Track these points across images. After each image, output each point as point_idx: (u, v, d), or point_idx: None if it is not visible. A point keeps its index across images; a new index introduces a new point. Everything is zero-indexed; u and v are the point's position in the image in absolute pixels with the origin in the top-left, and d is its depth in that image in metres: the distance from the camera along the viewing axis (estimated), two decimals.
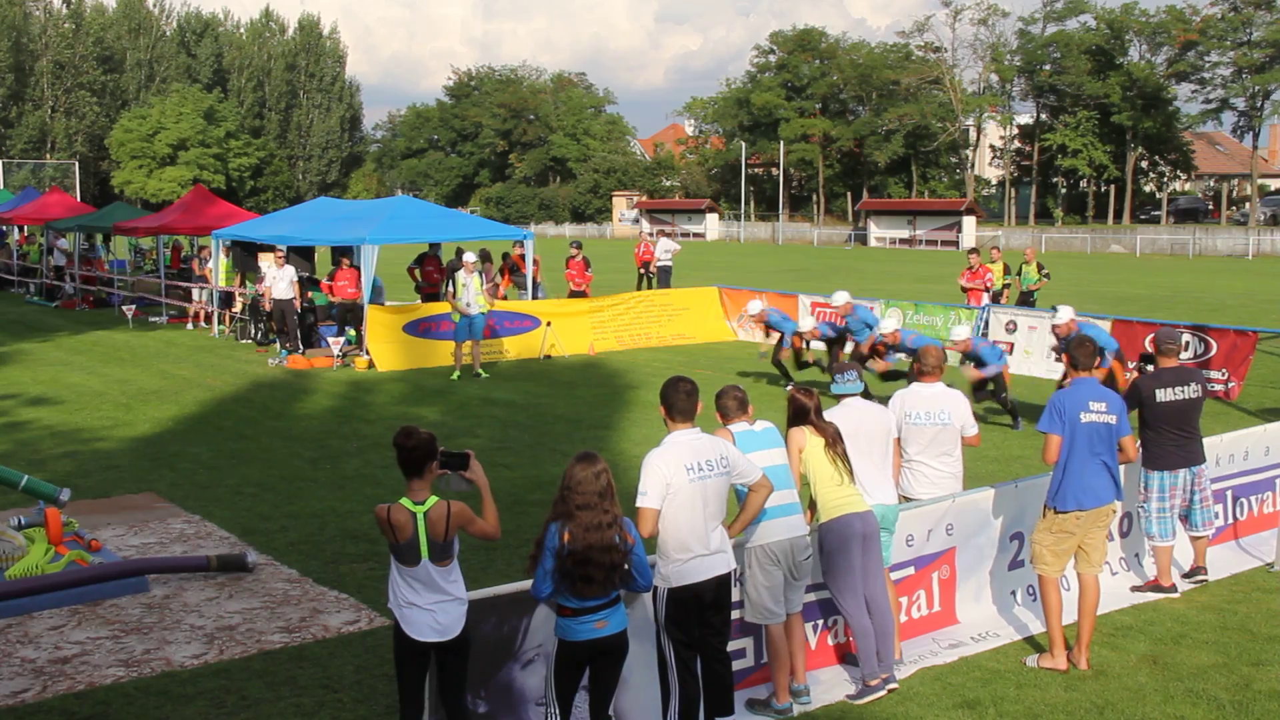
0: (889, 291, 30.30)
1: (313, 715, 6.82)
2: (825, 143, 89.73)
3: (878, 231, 77.96)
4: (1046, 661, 7.43)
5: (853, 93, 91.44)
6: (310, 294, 22.21)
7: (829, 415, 7.21)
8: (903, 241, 75.38)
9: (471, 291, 18.73)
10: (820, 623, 7.50)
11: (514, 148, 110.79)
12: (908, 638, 7.81)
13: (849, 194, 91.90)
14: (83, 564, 9.01)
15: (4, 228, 40.74)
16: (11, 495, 9.91)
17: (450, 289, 21.40)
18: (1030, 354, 19.33)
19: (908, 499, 7.93)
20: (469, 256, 19.43)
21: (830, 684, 7.28)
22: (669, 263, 29.96)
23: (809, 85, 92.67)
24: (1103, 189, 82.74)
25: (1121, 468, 7.68)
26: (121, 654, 7.72)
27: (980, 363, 14.58)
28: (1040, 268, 22.72)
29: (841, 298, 17.40)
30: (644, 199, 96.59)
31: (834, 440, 6.99)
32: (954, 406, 7.91)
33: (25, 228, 39.88)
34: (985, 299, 21.68)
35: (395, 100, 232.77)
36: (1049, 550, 7.54)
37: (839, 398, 7.62)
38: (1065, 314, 14.38)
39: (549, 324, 21.41)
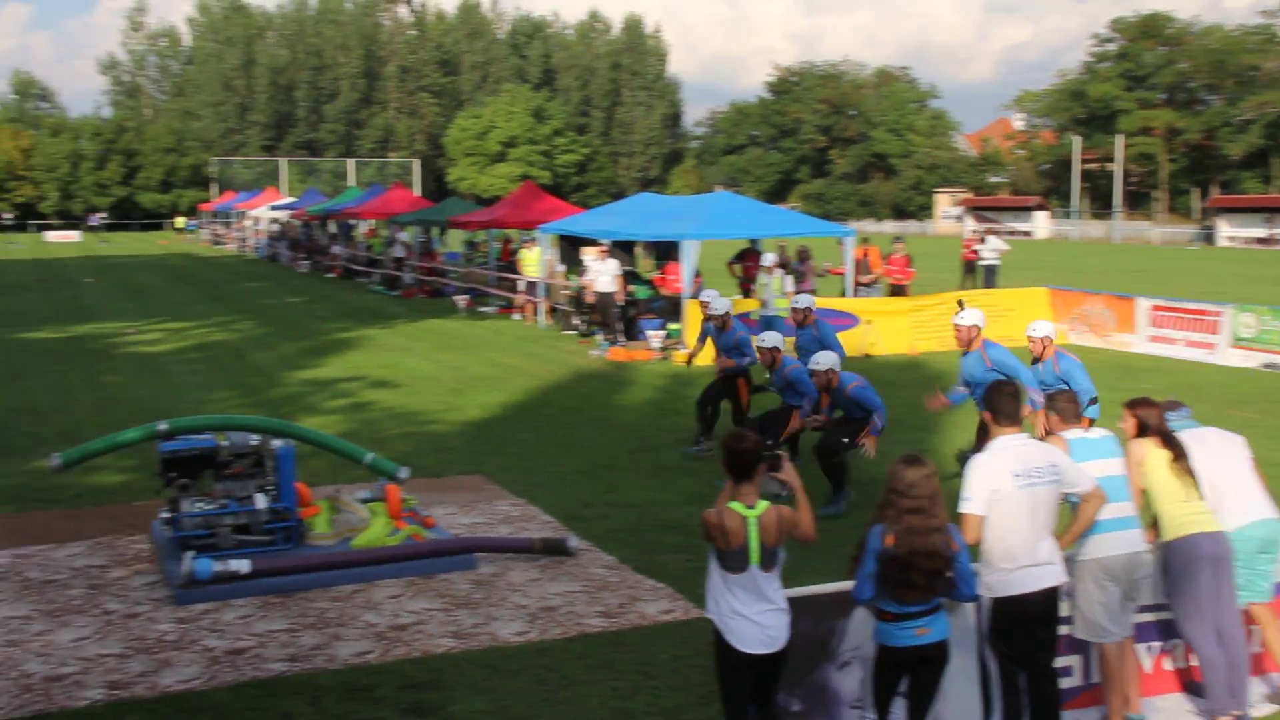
0: (1242, 295, 28.15)
1: (628, 699, 6.94)
2: (1169, 135, 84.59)
3: (1228, 230, 72.71)
4: None
5: (1203, 81, 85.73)
6: (632, 287, 22.71)
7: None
8: (1259, 241, 69.96)
9: (771, 291, 18.64)
10: (1158, 645, 6.99)
11: (834, 144, 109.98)
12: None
13: (1195, 190, 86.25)
14: (418, 539, 9.52)
15: (353, 221, 43.80)
16: (356, 470, 10.57)
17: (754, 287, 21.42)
18: None
19: None
20: (768, 257, 19.36)
21: (1171, 713, 6.77)
22: (996, 262, 28.97)
23: (1152, 74, 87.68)
24: None
25: None
26: (452, 626, 8.09)
27: None
28: None
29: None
30: (969, 196, 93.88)
31: (1180, 454, 6.50)
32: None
33: (371, 221, 42.71)
34: None
35: (715, 97, 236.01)
36: None
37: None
38: None
39: (869, 322, 21.08)
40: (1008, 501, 5.74)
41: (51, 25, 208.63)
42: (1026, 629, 5.86)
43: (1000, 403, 5.96)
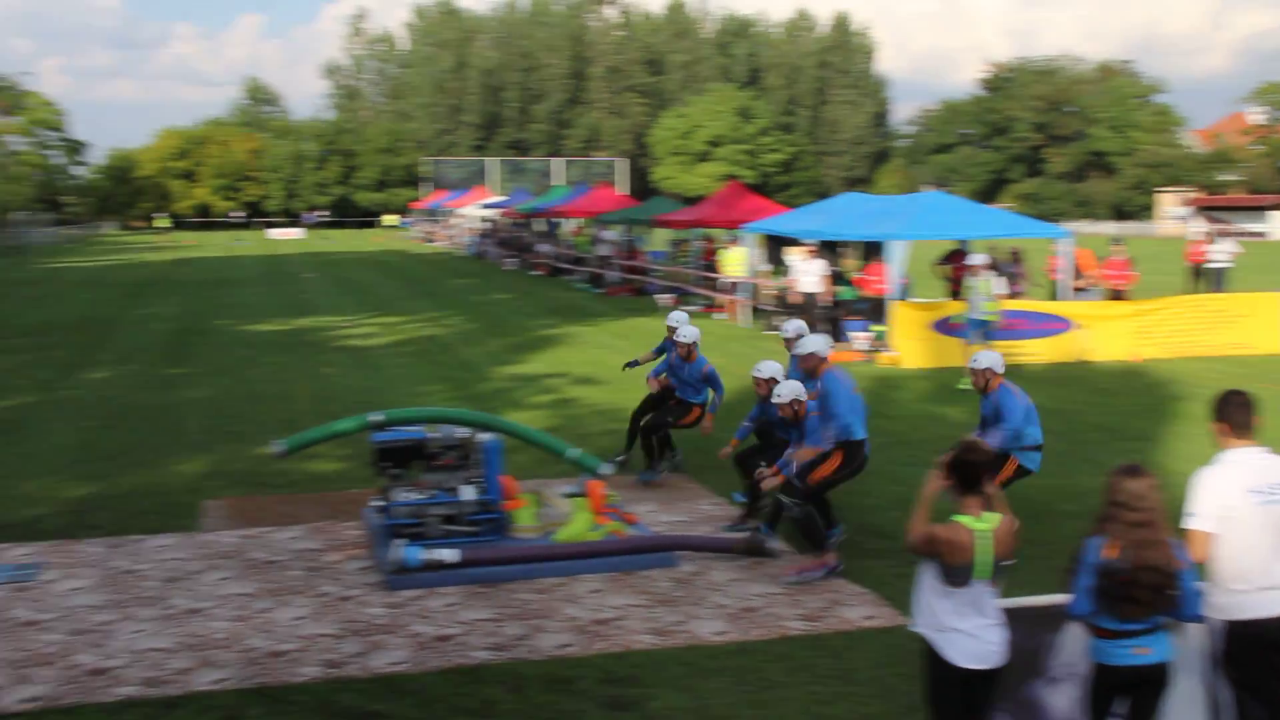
0: None
1: (830, 704, 6.83)
2: None
3: None
4: None
5: None
6: (837, 288, 22.44)
7: None
8: None
9: (979, 294, 18.00)
10: None
11: (1050, 142, 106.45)
12: None
13: None
14: (620, 535, 9.58)
15: (559, 220, 44.58)
16: (560, 466, 10.72)
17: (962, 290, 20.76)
18: None
19: None
20: (976, 258, 18.73)
21: None
22: (1227, 264, 27.49)
23: None
24: None
25: None
26: (652, 622, 8.12)
27: None
28: None
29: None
30: (1198, 195, 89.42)
31: None
32: None
33: (576, 220, 43.38)
34: None
35: (925, 94, 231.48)
36: None
37: None
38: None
39: (1084, 327, 20.30)
40: (1242, 519, 5.39)
41: (280, 34, 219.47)
42: (1263, 656, 5.50)
43: (1233, 413, 5.61)
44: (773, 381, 10.07)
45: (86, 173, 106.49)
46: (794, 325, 11.33)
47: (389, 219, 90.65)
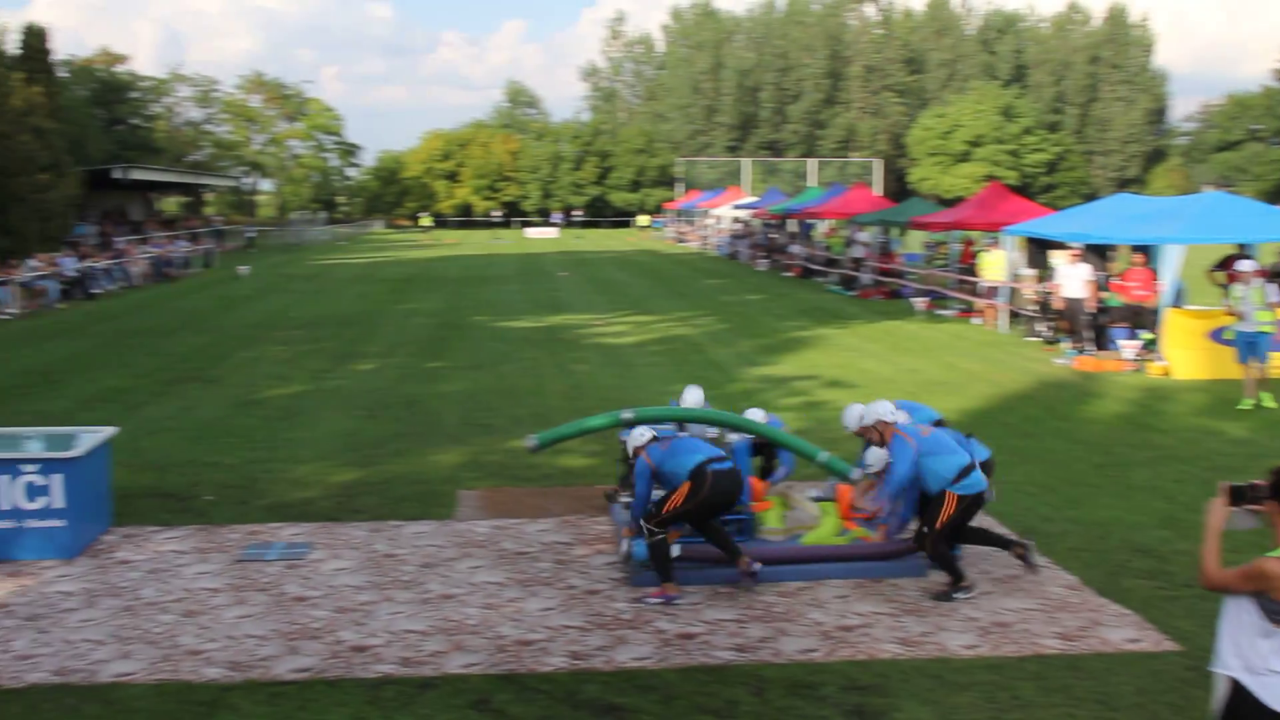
0: None
1: None
2: None
3: None
4: None
5: None
6: (1104, 294, 21.44)
7: None
8: None
9: (1250, 303, 16.52)
10: None
11: None
12: None
13: None
14: (867, 540, 9.38)
15: (812, 221, 44.24)
16: (809, 469, 10.60)
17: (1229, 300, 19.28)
18: None
19: None
20: (1246, 264, 17.28)
21: None
22: None
23: None
24: None
25: None
26: (899, 632, 7.92)
27: None
28: None
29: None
30: None
31: None
32: None
33: (830, 221, 42.95)
34: None
35: (1208, 89, 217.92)
36: None
37: None
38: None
39: None
40: None
41: (541, 38, 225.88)
42: None
43: None
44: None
45: (358, 174, 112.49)
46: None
47: (642, 219, 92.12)
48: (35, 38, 41.20)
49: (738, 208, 57.63)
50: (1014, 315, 24.85)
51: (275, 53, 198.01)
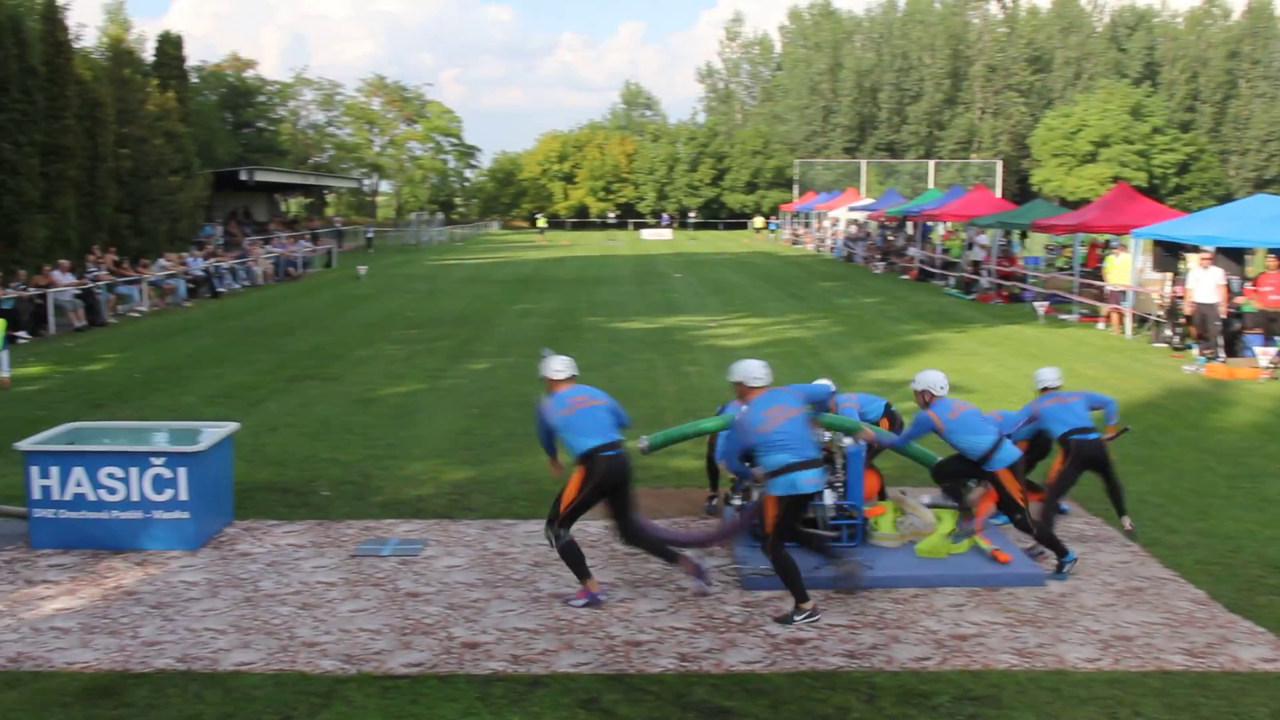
0: None
1: None
2: None
3: None
4: None
5: None
6: (1238, 299, 20.75)
7: None
8: None
9: None
10: None
11: None
12: None
13: None
14: (992, 551, 9.20)
15: (930, 223, 43.60)
16: (924, 474, 10.43)
17: None
18: None
19: None
20: None
21: None
22: None
23: None
24: None
25: None
26: (1015, 642, 7.74)
27: None
28: None
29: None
30: None
31: None
32: None
33: (948, 223, 42.28)
34: None
35: None
36: None
37: None
38: None
39: None
40: None
41: (658, 40, 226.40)
42: None
43: None
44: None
45: (475, 176, 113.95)
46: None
47: (757, 221, 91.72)
48: (170, 45, 42.58)
49: (854, 210, 57.05)
50: (1140, 320, 24.19)
51: (396, 56, 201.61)
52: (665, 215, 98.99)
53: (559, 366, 8.92)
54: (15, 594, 8.71)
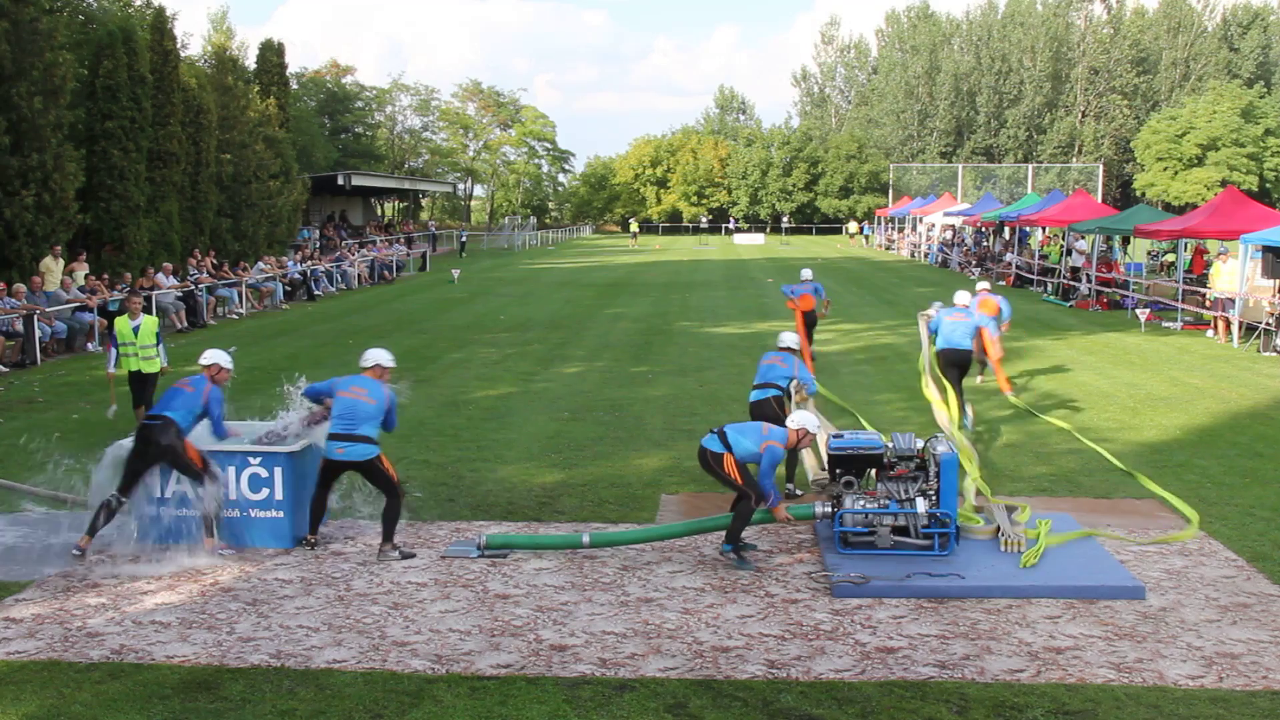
0: None
1: None
2: None
3: None
4: None
5: None
6: None
7: None
8: None
9: None
10: None
11: None
12: None
13: None
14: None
15: (1027, 229, 42.87)
16: (1015, 485, 10.26)
17: None
18: None
19: None
20: None
21: None
22: None
23: None
24: None
25: None
26: (1113, 656, 7.56)
27: None
28: None
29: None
30: None
31: None
32: None
33: (1047, 229, 41.52)
34: None
35: None
36: None
37: None
38: None
39: None
40: None
41: (753, 44, 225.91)
42: None
43: None
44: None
45: (568, 180, 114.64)
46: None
47: (852, 226, 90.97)
48: (271, 53, 43.45)
49: (950, 215, 56.33)
50: (1248, 329, 23.53)
51: (491, 61, 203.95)
52: (733, 222, 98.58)
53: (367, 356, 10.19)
54: (118, 588, 8.93)
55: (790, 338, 12.38)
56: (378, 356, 10.17)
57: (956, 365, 14.64)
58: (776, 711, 6.79)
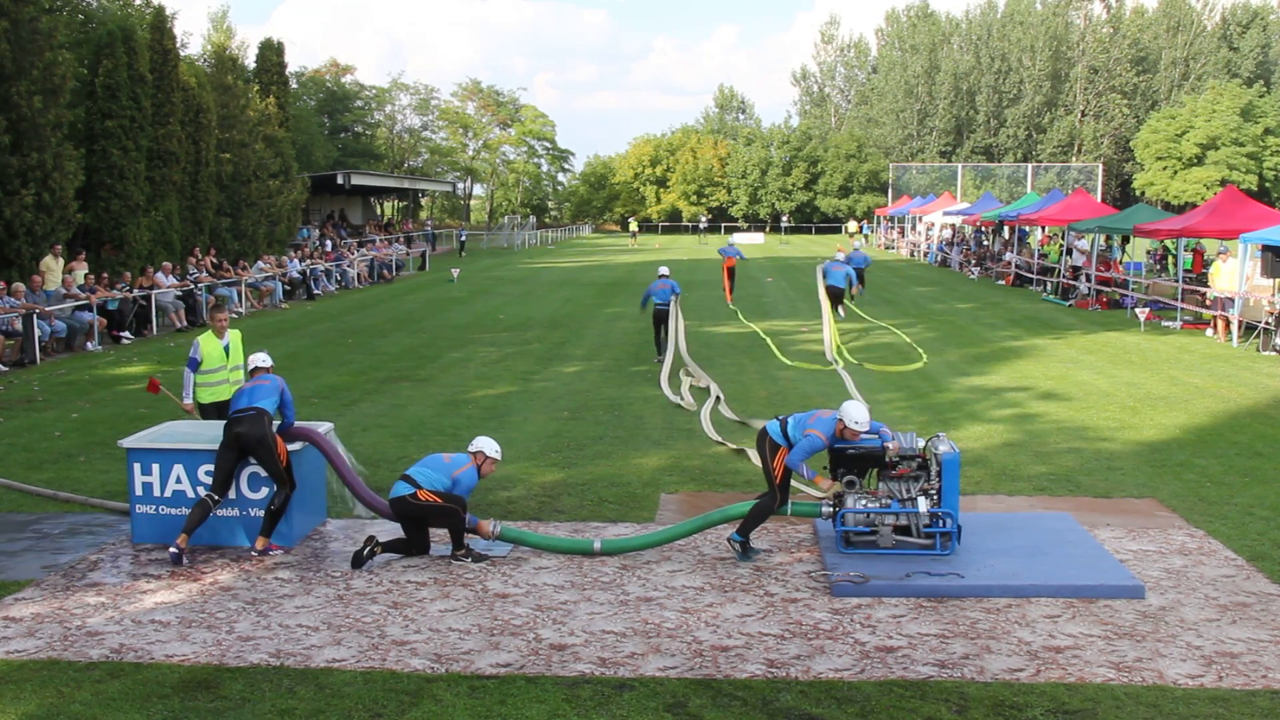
0: None
1: None
2: None
3: None
4: None
5: None
6: None
7: None
8: None
9: None
10: None
11: None
12: None
13: None
14: None
15: (1027, 228, 42.86)
16: (1017, 485, 10.24)
17: None
18: None
19: None
20: None
21: None
22: None
23: None
24: None
25: None
26: (1113, 656, 7.56)
27: None
28: None
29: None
30: None
31: None
32: None
33: (1046, 228, 41.51)
34: None
35: None
36: None
37: None
38: None
39: None
40: None
41: (753, 44, 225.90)
42: None
43: None
44: None
45: (568, 179, 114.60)
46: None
47: (851, 225, 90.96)
48: (271, 52, 43.39)
49: (949, 214, 56.30)
50: (1248, 328, 23.54)
51: (490, 60, 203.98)
52: (743, 220, 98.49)
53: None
54: (118, 587, 8.93)
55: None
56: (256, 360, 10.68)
57: (833, 296, 24.63)
58: (776, 711, 6.79)
